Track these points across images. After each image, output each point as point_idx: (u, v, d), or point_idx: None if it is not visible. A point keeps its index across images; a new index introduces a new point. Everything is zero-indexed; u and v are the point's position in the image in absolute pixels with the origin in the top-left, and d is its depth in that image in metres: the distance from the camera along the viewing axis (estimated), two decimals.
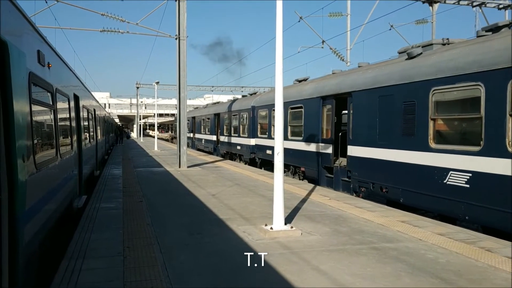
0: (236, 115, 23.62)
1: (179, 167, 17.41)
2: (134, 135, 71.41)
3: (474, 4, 22.78)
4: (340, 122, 14.02)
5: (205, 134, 32.79)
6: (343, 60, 22.97)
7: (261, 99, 20.24)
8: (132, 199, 9.84)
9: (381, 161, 10.34)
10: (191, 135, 38.73)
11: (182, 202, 9.57)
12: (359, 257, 5.62)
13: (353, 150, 11.63)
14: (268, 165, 19.00)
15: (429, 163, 8.68)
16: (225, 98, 43.12)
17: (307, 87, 15.00)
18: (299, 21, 22.89)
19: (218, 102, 32.81)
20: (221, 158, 24.35)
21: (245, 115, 22.11)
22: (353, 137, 11.66)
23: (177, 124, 17.93)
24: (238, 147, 23.16)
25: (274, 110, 15.32)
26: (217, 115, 28.88)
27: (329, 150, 13.13)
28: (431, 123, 8.69)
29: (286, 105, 14.60)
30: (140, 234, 6.70)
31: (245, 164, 21.48)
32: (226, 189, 11.71)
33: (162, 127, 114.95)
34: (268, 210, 8.44)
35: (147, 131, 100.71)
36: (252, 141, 20.92)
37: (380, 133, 10.43)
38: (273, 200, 6.98)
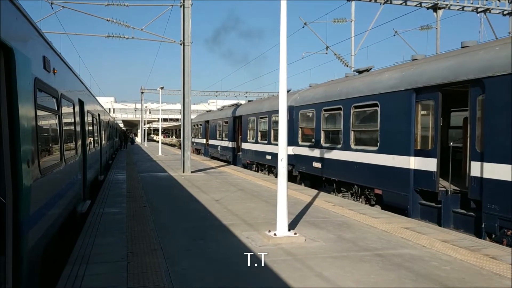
0: (265, 117, 19.69)
1: (183, 172, 17.43)
2: (138, 140, 71.59)
3: (479, 10, 22.79)
4: (446, 125, 11.18)
5: (222, 140, 28.48)
6: (347, 66, 23.00)
7: (304, 97, 16.11)
8: (136, 204, 9.85)
9: None
10: (204, 141, 34.69)
11: (185, 208, 9.57)
12: (362, 264, 5.59)
13: (487, 170, 7.81)
14: (313, 180, 15.57)
15: None
16: (228, 103, 42.81)
17: (384, 76, 11.15)
18: (303, 27, 22.97)
19: (236, 104, 28.65)
20: (225, 163, 24.25)
21: (278, 118, 19.02)
22: (487, 148, 7.85)
23: (182, 129, 17.97)
24: (268, 157, 19.13)
25: (326, 110, 13.90)
26: (237, 118, 25.07)
27: (430, 166, 9.25)
28: None
29: (347, 103, 12.41)
30: (144, 239, 6.70)
31: (276, 177, 18.22)
32: (230, 194, 11.71)
33: (166, 132, 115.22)
34: (271, 216, 8.42)
35: (151, 136, 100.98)
36: (289, 150, 17.31)
37: None
38: (277, 206, 6.97)
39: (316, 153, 14.50)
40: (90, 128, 12.08)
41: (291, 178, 15.95)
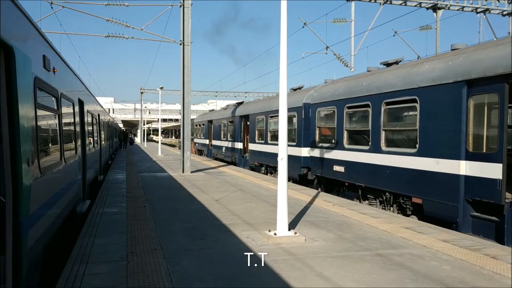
0: (276, 116, 17.35)
1: (183, 172, 17.42)
2: (138, 140, 71.54)
3: (478, 10, 22.81)
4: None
5: (227, 140, 26.73)
6: (347, 66, 23.00)
7: (322, 93, 14.42)
8: (136, 204, 9.84)
9: None
10: (207, 141, 32.98)
11: (185, 207, 9.56)
12: (363, 264, 5.58)
13: None
14: (332, 185, 13.94)
15: None
16: (227, 104, 42.68)
17: (424, 68, 9.58)
18: (303, 27, 22.96)
19: (242, 102, 27.07)
20: (224, 164, 24.23)
21: (291, 116, 16.33)
22: None
23: (181, 129, 17.96)
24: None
25: (350, 108, 12.19)
26: (244, 117, 23.44)
27: (492, 172, 7.68)
28: None
29: (376, 99, 10.94)
30: (144, 239, 6.69)
31: (289, 181, 15.62)
32: (230, 194, 11.70)
33: (166, 132, 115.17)
34: (271, 216, 8.42)
35: (151, 136, 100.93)
36: (304, 152, 15.31)
37: None
38: (277, 205, 6.96)
39: (337, 155, 12.89)
40: (90, 128, 12.07)
41: (304, 182, 15.21)
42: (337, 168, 12.90)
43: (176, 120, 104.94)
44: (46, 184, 5.20)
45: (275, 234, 6.82)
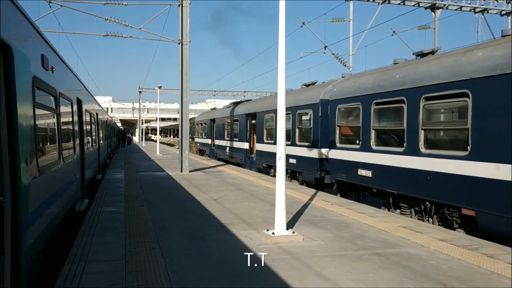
0: (288, 114, 16.40)
1: (181, 171, 17.42)
2: (136, 139, 71.46)
3: (477, 10, 22.85)
4: None
5: (231, 140, 25.24)
6: (345, 65, 23.03)
7: (344, 88, 12.78)
8: (134, 203, 9.85)
9: None
10: (209, 141, 31.58)
11: (184, 207, 9.56)
12: (361, 263, 5.60)
13: None
14: (355, 191, 12.68)
15: None
16: (226, 103, 42.54)
17: (476, 56, 8.18)
18: (301, 27, 22.98)
19: (248, 100, 25.97)
20: (223, 163, 24.20)
21: (306, 114, 14.99)
22: None
23: (180, 128, 17.95)
24: (292, 160, 15.85)
25: (379, 104, 10.73)
26: (250, 115, 22.03)
27: None
28: None
29: (413, 93, 9.47)
30: (142, 238, 6.70)
31: (302, 184, 14.98)
32: (228, 193, 11.71)
33: (165, 131, 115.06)
34: (270, 215, 8.43)
35: (149, 135, 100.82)
36: (322, 153, 13.92)
37: None
38: (275, 205, 6.98)
39: (363, 158, 11.37)
40: (88, 127, 12.06)
41: (321, 186, 13.92)
42: (362, 172, 11.40)
43: (175, 119, 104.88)
44: (44, 183, 5.20)
45: (273, 233, 6.83)
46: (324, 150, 13.70)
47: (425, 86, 9.20)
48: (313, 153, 14.22)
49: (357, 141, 11.72)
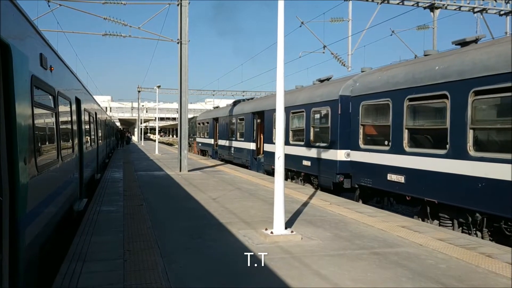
0: (301, 112, 15.03)
1: (180, 171, 17.42)
2: (135, 138, 71.40)
3: (475, 10, 22.87)
4: None
5: (236, 140, 23.89)
6: (344, 65, 23.03)
7: (368, 83, 11.56)
8: (133, 203, 9.84)
9: None
10: (212, 141, 30.42)
11: (183, 206, 9.56)
12: (359, 262, 5.61)
13: None
14: (381, 197, 11.38)
15: None
16: (225, 103, 42.44)
17: None
18: (300, 26, 22.98)
19: (253, 98, 24.71)
20: (222, 162, 24.17)
21: (323, 112, 13.65)
22: None
23: (179, 128, 17.95)
24: (306, 163, 14.42)
25: (413, 100, 9.41)
26: (257, 114, 20.77)
27: None
28: None
29: (458, 88, 8.36)
30: (141, 237, 6.70)
31: (317, 189, 13.34)
32: (227, 193, 11.71)
33: (164, 131, 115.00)
34: (268, 214, 8.43)
35: (148, 135, 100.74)
36: (341, 155, 12.47)
37: None
38: (274, 204, 6.98)
39: (393, 161, 10.13)
40: (87, 126, 12.05)
41: (337, 191, 12.67)
42: (393, 177, 10.15)
43: (174, 119, 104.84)
44: (43, 182, 5.20)
45: (272, 232, 6.84)
46: (344, 152, 12.40)
47: (475, 78, 7.99)
48: (332, 155, 12.79)
49: (386, 142, 10.52)
